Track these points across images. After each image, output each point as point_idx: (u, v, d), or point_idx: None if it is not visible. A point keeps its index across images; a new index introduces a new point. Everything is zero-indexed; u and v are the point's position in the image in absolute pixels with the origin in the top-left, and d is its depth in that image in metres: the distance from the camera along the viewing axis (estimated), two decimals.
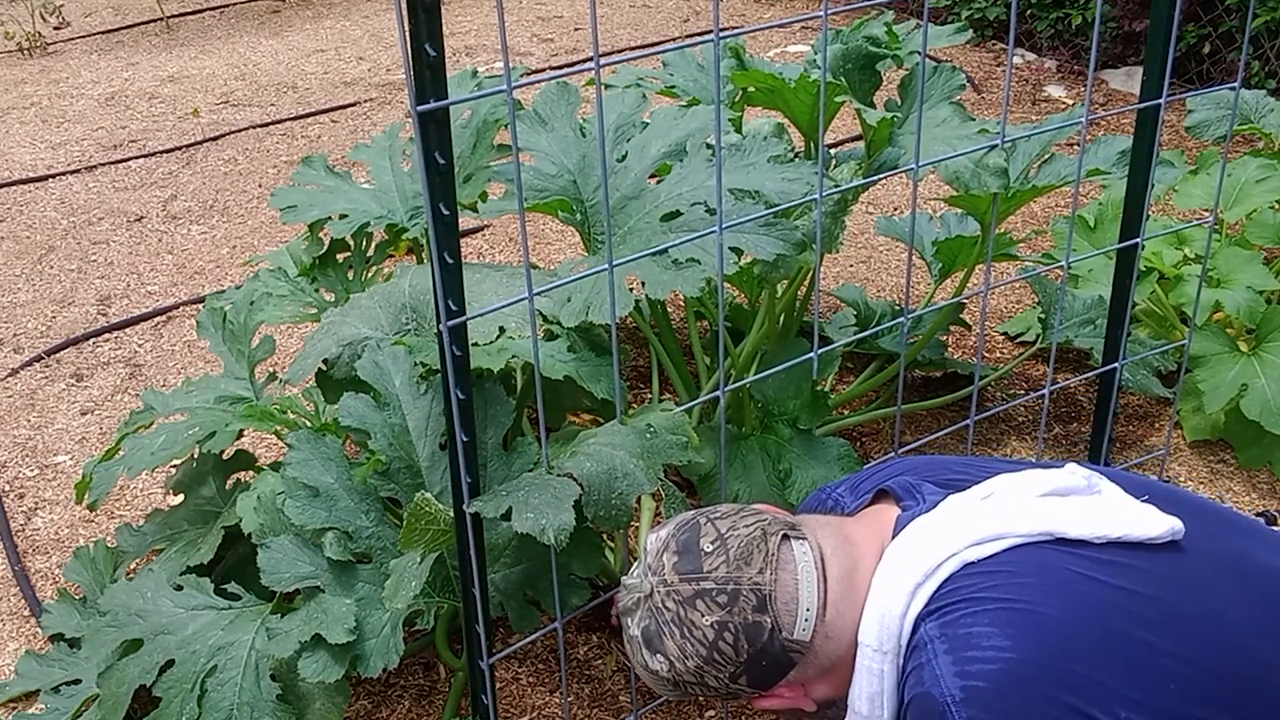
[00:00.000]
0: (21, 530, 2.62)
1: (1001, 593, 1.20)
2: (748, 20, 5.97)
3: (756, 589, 1.27)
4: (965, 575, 1.22)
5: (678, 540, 1.33)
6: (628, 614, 1.35)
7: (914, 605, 1.23)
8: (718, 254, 1.50)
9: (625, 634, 1.36)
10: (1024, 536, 1.23)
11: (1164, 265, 2.73)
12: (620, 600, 1.37)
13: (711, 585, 1.28)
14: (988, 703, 1.15)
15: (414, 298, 2.04)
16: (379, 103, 5.10)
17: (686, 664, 1.28)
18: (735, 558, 1.29)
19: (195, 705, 1.73)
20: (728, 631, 1.26)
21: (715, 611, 1.27)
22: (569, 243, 3.73)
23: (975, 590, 1.21)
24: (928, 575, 1.23)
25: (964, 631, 1.19)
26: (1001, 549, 1.23)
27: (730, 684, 1.29)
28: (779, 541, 1.30)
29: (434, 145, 1.21)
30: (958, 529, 1.25)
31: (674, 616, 1.29)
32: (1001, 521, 1.24)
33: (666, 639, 1.29)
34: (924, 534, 1.27)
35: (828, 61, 2.41)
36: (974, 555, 1.23)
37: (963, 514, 1.27)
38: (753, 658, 1.26)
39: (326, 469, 1.87)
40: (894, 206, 3.89)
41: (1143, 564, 1.22)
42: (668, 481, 1.76)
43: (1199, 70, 4.54)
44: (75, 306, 3.55)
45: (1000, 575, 1.21)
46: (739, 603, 1.26)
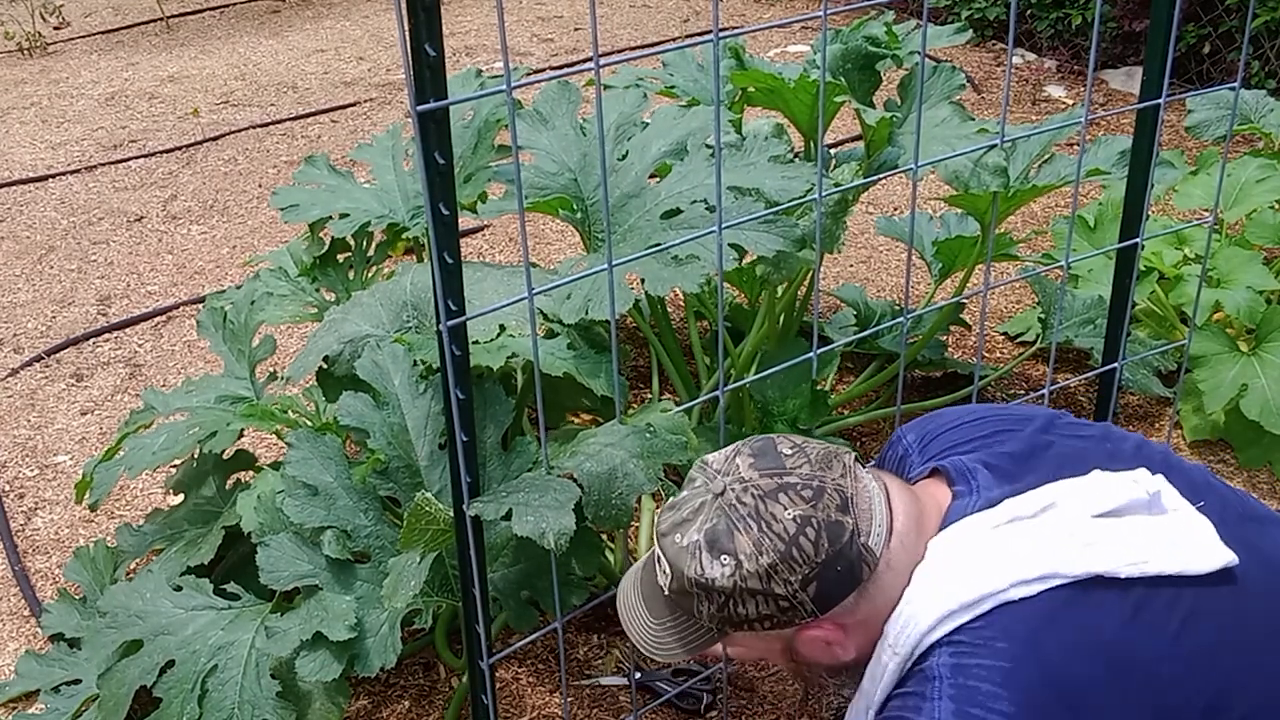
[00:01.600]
0: (21, 530, 2.62)
1: (1021, 650, 1.18)
2: (748, 20, 5.97)
3: (840, 489, 1.23)
4: (999, 614, 1.20)
5: (751, 447, 1.29)
6: (678, 529, 1.27)
7: (941, 627, 1.21)
8: (718, 252, 1.50)
9: (666, 554, 1.27)
10: (1070, 577, 1.20)
11: (1164, 265, 2.73)
12: (664, 520, 1.29)
13: (796, 480, 1.23)
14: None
15: (415, 295, 2.05)
16: (379, 103, 5.10)
17: (759, 561, 1.21)
18: (817, 460, 1.25)
19: (196, 705, 1.73)
20: (810, 527, 1.21)
21: (799, 505, 1.22)
22: (569, 242, 3.73)
23: (999, 639, 1.19)
24: (965, 607, 1.21)
25: (973, 684, 1.17)
26: (1043, 590, 1.20)
27: (797, 592, 1.22)
28: (851, 459, 1.29)
29: (434, 145, 1.21)
30: (1006, 561, 1.21)
31: (751, 510, 1.23)
32: (1050, 559, 1.21)
33: (740, 535, 1.22)
34: (973, 551, 1.24)
35: (827, 61, 2.41)
36: (1015, 595, 1.20)
37: (1015, 539, 1.23)
38: (829, 560, 1.21)
39: (325, 468, 1.87)
40: (894, 206, 3.89)
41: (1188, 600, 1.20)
42: (668, 481, 1.76)
43: (1199, 70, 4.54)
44: (75, 306, 3.55)
45: (1030, 624, 1.19)
46: (824, 499, 1.22)
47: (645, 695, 2.07)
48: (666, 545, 1.28)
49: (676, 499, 1.30)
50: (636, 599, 1.39)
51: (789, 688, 2.09)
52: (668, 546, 1.28)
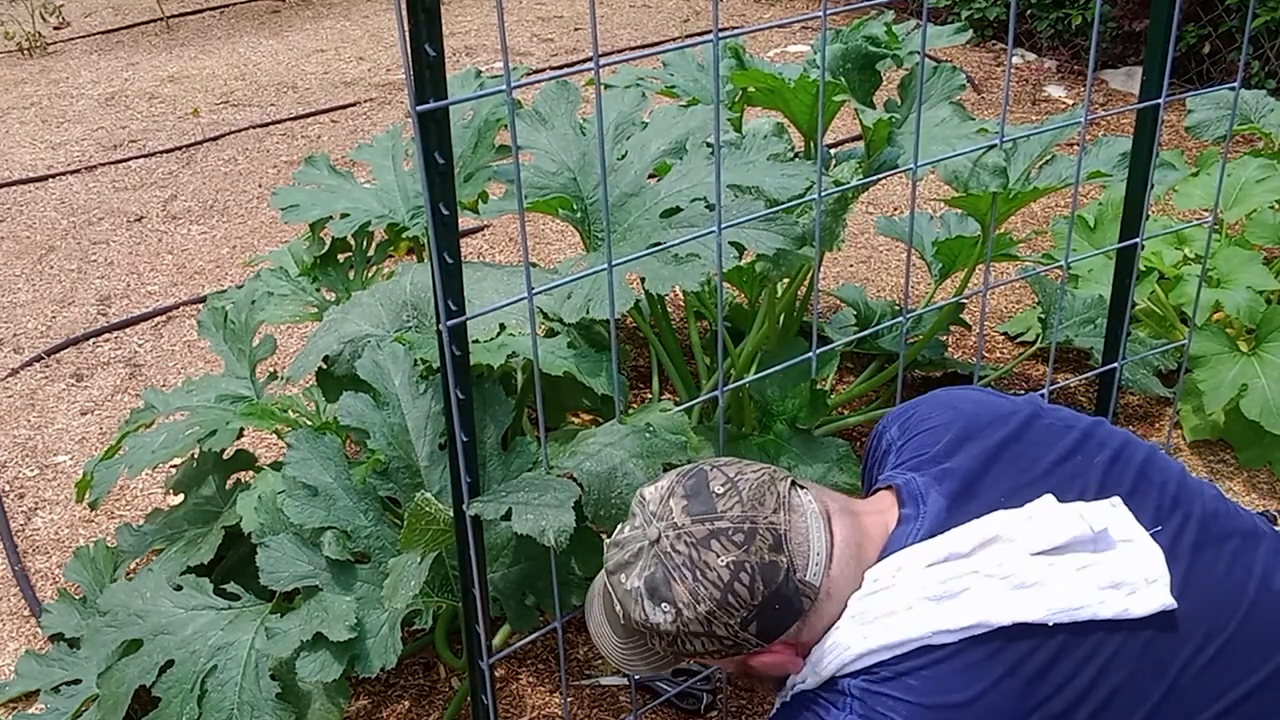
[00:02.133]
0: (21, 530, 2.62)
1: (931, 694, 1.20)
2: (748, 20, 5.97)
3: (772, 528, 1.23)
4: (917, 656, 1.21)
5: (684, 486, 1.29)
6: (621, 570, 1.28)
7: (860, 662, 1.24)
8: (717, 250, 1.50)
9: (614, 592, 1.30)
10: (994, 626, 1.21)
11: (1164, 265, 2.73)
12: (609, 560, 1.31)
13: (727, 524, 1.23)
14: None
15: (415, 295, 2.05)
16: (379, 103, 5.10)
17: (697, 610, 1.23)
18: (749, 498, 1.25)
19: (195, 705, 1.73)
20: (744, 572, 1.22)
21: (731, 551, 1.22)
22: (569, 242, 3.73)
23: (912, 677, 1.21)
24: (886, 648, 1.22)
25: (880, 712, 1.20)
26: (964, 639, 1.21)
27: (739, 632, 1.24)
28: (788, 486, 1.28)
29: (434, 145, 1.21)
30: (932, 608, 1.22)
31: (685, 560, 1.23)
32: (975, 608, 1.21)
33: (676, 584, 1.23)
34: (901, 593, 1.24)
35: (827, 61, 2.41)
36: (938, 640, 1.21)
37: (946, 583, 1.23)
38: (766, 600, 1.22)
39: (325, 468, 1.87)
40: (894, 206, 3.89)
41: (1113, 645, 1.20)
42: None
43: (1199, 70, 4.54)
44: (75, 306, 3.55)
45: (943, 670, 1.20)
46: (755, 541, 1.22)
47: (645, 695, 2.07)
48: (614, 584, 1.31)
49: (620, 536, 1.32)
50: (602, 617, 1.40)
51: None
52: (615, 585, 1.31)
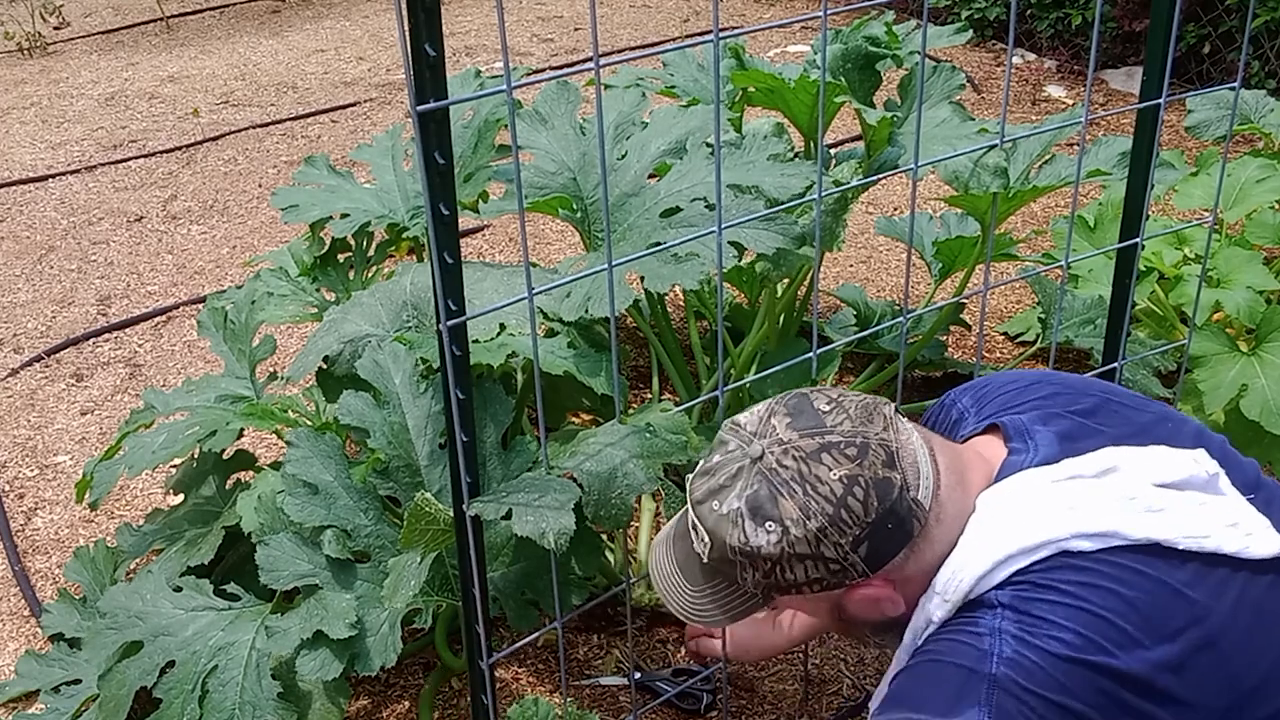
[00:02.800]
0: (21, 530, 2.62)
1: (1090, 595, 1.15)
2: (748, 20, 5.97)
3: (884, 444, 1.18)
4: (1059, 563, 1.17)
5: (786, 405, 1.23)
6: (715, 495, 1.21)
7: (998, 574, 1.18)
8: (717, 250, 1.50)
9: (703, 522, 1.22)
10: (1130, 540, 1.17)
11: (1164, 265, 2.73)
12: (698, 488, 1.24)
13: (839, 438, 1.18)
14: (1033, 677, 1.11)
15: (415, 295, 2.05)
16: (379, 103, 5.10)
17: (807, 526, 1.16)
18: (856, 416, 1.20)
19: (196, 706, 1.73)
20: (857, 486, 1.16)
21: (844, 464, 1.17)
22: (569, 242, 3.73)
23: (1064, 583, 1.16)
24: (1024, 552, 1.17)
25: (1039, 616, 1.14)
26: (1103, 548, 1.17)
27: (848, 554, 1.17)
28: (892, 410, 1.24)
29: (434, 145, 1.21)
30: (1068, 512, 1.18)
31: (794, 474, 1.17)
32: (1112, 518, 1.18)
33: (784, 500, 1.17)
34: (1032, 501, 1.20)
35: (828, 61, 2.41)
36: (1076, 547, 1.17)
37: (1076, 494, 1.20)
38: (880, 518, 1.17)
39: (325, 467, 1.87)
40: (894, 206, 3.89)
41: (1239, 584, 1.18)
42: (668, 481, 1.76)
43: (1199, 70, 4.54)
44: (75, 306, 3.55)
45: (1094, 575, 1.16)
46: (869, 456, 1.17)
47: (645, 695, 2.07)
48: (704, 513, 1.22)
49: (708, 464, 1.25)
50: (671, 567, 1.33)
51: (789, 687, 2.09)
52: (705, 514, 1.22)
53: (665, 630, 2.21)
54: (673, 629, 2.21)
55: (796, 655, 2.15)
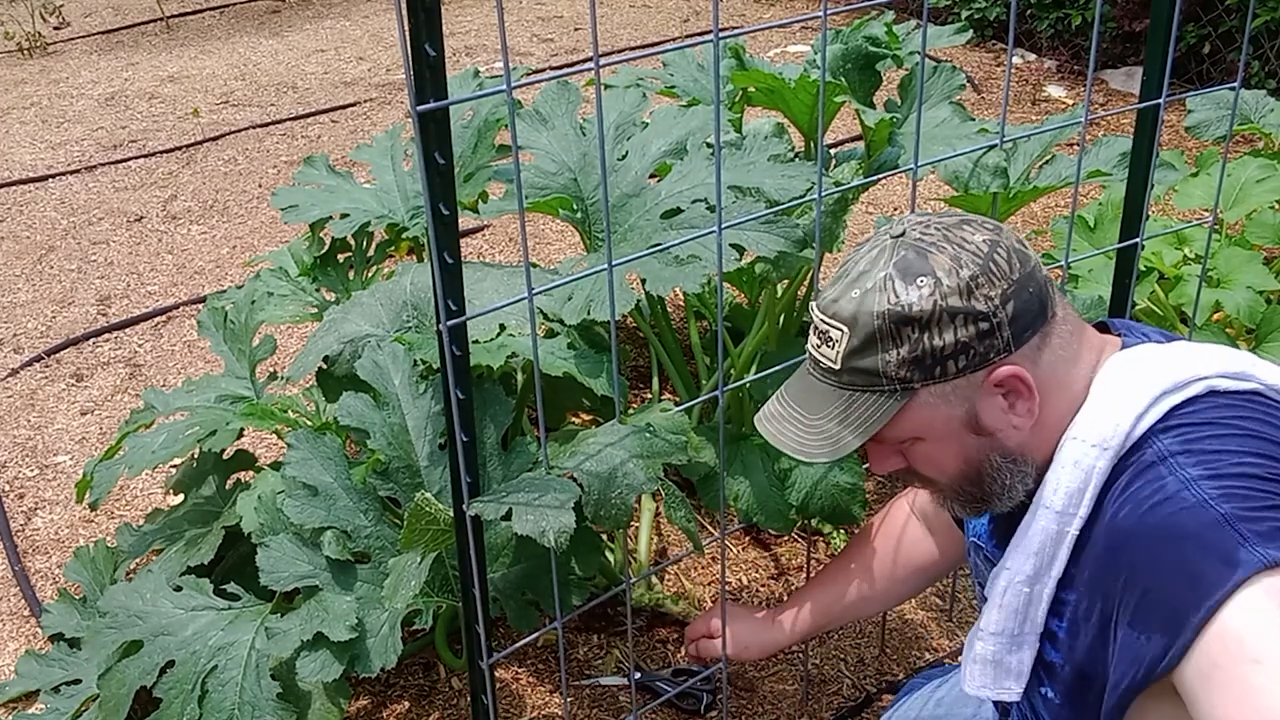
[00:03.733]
0: (21, 530, 2.62)
1: (1250, 425, 1.14)
2: (748, 20, 5.98)
3: (1016, 235, 1.23)
4: (1210, 400, 1.16)
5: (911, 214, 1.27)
6: (854, 283, 1.21)
7: (1152, 413, 1.16)
8: (718, 251, 1.50)
9: (839, 314, 1.20)
10: (1269, 388, 1.18)
11: (1164, 265, 2.73)
12: (830, 290, 1.23)
13: (975, 219, 1.23)
14: (1249, 495, 1.08)
15: (415, 295, 2.05)
16: (379, 103, 5.10)
17: (959, 275, 1.16)
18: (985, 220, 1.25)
19: (196, 706, 1.73)
20: (1000, 249, 1.19)
21: (985, 231, 1.20)
22: (569, 242, 3.73)
23: (1221, 417, 1.15)
24: (1177, 387, 1.17)
25: (1213, 449, 1.13)
26: (1249, 388, 1.18)
27: (998, 310, 1.16)
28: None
29: (434, 145, 1.21)
30: (1205, 357, 1.20)
31: (940, 238, 1.20)
32: (1249, 363, 1.19)
33: (935, 255, 1.18)
34: (1165, 355, 1.21)
35: (828, 61, 2.41)
36: (1223, 385, 1.17)
37: (1206, 349, 1.22)
38: (1023, 279, 1.18)
39: (325, 468, 1.87)
40: (894, 206, 3.89)
41: None
42: (668, 481, 1.76)
43: (1199, 70, 4.54)
44: (75, 306, 3.55)
45: (1247, 410, 1.16)
46: (1004, 233, 1.22)
47: (645, 695, 2.07)
48: (842, 305, 1.20)
49: (838, 271, 1.25)
50: (787, 411, 1.29)
51: (789, 688, 2.09)
52: (844, 306, 1.20)
53: (665, 630, 2.21)
54: (673, 629, 2.21)
55: (796, 655, 2.15)
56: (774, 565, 2.36)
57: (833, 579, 1.73)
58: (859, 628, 2.21)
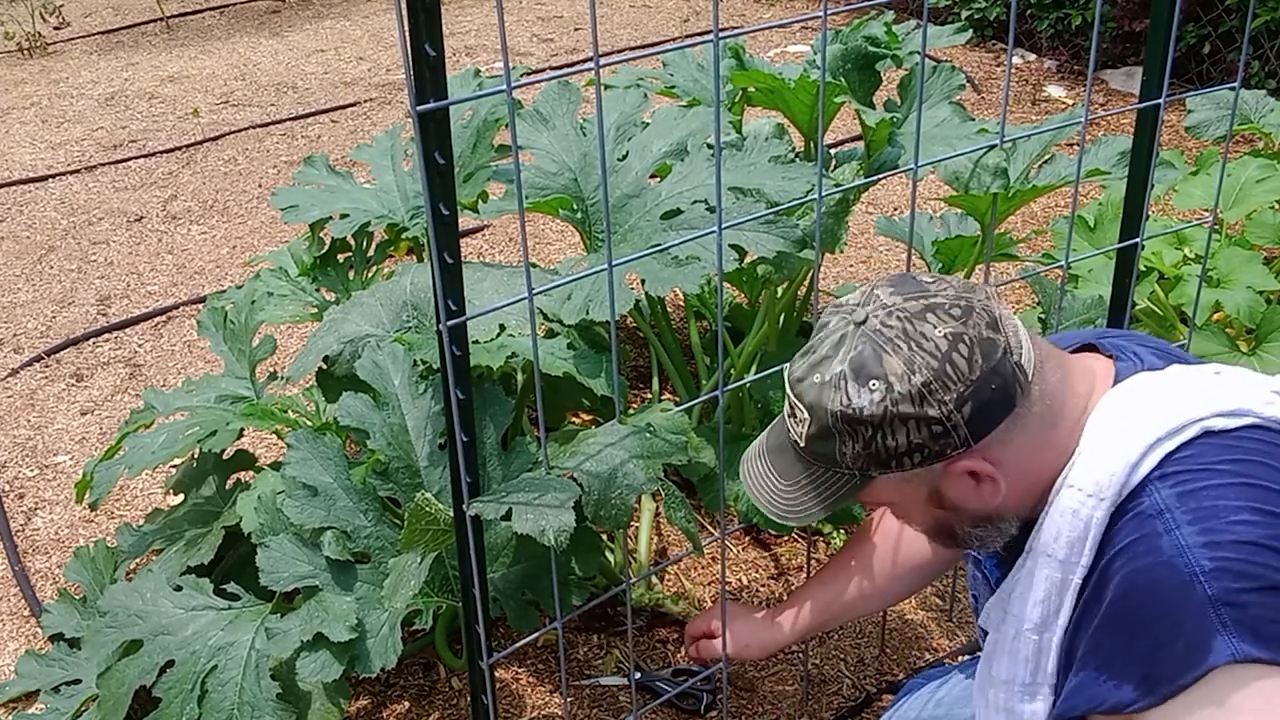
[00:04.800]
0: (21, 530, 2.62)
1: (1245, 469, 1.13)
2: (748, 20, 5.98)
3: (988, 309, 1.19)
4: (1205, 443, 1.15)
5: (888, 279, 1.23)
6: (815, 368, 1.20)
7: (1147, 461, 1.15)
8: (718, 252, 1.50)
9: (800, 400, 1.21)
10: (1265, 420, 1.16)
11: (1164, 265, 2.73)
12: (797, 368, 1.23)
13: (943, 300, 1.19)
14: (1242, 572, 1.08)
15: (415, 295, 2.05)
16: (379, 103, 5.10)
17: (912, 381, 1.15)
18: (959, 285, 1.21)
19: (195, 705, 1.73)
20: (962, 344, 1.15)
21: (949, 323, 1.16)
22: (569, 242, 3.73)
23: (1216, 462, 1.14)
24: (1170, 434, 1.15)
25: (1209, 504, 1.11)
26: (1244, 425, 1.16)
27: (952, 414, 1.15)
28: (993, 289, 1.24)
29: (434, 145, 1.21)
30: (1199, 395, 1.17)
31: (899, 333, 1.17)
32: (1245, 398, 1.17)
33: (888, 357, 1.16)
34: (1160, 391, 1.19)
35: (827, 62, 2.41)
36: (1218, 425, 1.15)
37: (1199, 382, 1.20)
38: (984, 376, 1.15)
39: (325, 468, 1.87)
40: (894, 206, 3.89)
41: None
42: (668, 481, 1.76)
43: (1199, 70, 4.55)
44: (75, 306, 3.55)
45: (1242, 451, 1.14)
46: (973, 317, 1.17)
47: (645, 695, 2.07)
48: (804, 389, 1.21)
49: (809, 344, 1.24)
50: (763, 467, 1.31)
51: (789, 688, 2.09)
52: (805, 390, 1.21)
53: (665, 630, 2.21)
54: (673, 629, 2.21)
55: (796, 655, 2.15)
56: (774, 565, 2.36)
57: (832, 577, 1.73)
58: (859, 627, 2.21)
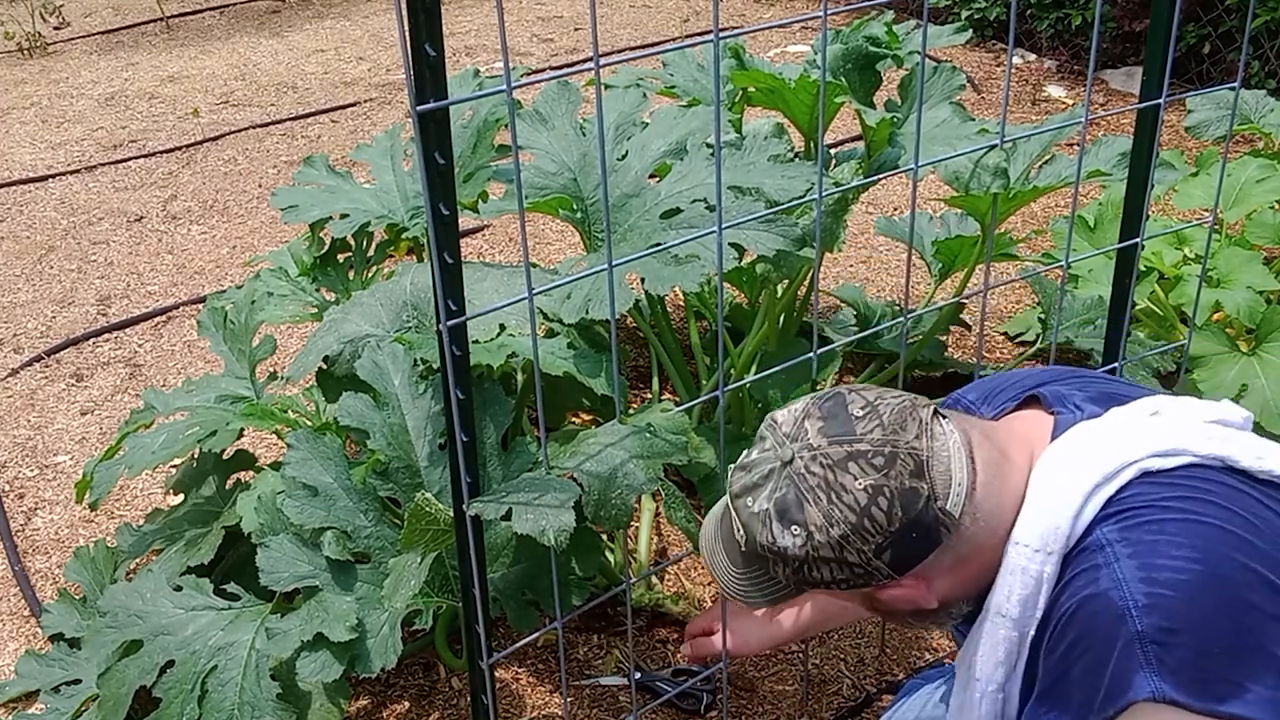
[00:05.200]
0: (21, 530, 2.62)
1: (1188, 505, 1.15)
2: (748, 20, 5.98)
3: (914, 453, 1.18)
4: (1145, 483, 1.17)
5: (821, 408, 1.23)
6: (748, 492, 1.23)
7: (1088, 508, 1.17)
8: (718, 251, 1.50)
9: (738, 516, 1.25)
10: (1201, 457, 1.18)
11: (1164, 265, 2.73)
12: (734, 485, 1.26)
13: (867, 447, 1.18)
14: (1174, 611, 1.09)
15: (415, 295, 2.05)
16: (379, 103, 5.10)
17: (830, 533, 1.17)
18: (889, 423, 1.20)
19: (195, 705, 1.73)
20: (882, 497, 1.17)
21: (870, 474, 1.17)
22: (569, 242, 3.73)
23: (1158, 499, 1.16)
24: (1107, 479, 1.17)
25: (1150, 539, 1.13)
26: (1181, 464, 1.18)
27: (870, 560, 1.18)
28: (930, 414, 1.23)
29: (434, 145, 1.21)
30: (1134, 438, 1.20)
31: (820, 481, 1.18)
32: (1179, 438, 1.19)
33: (809, 506, 1.18)
34: (1096, 439, 1.22)
35: (828, 61, 2.41)
36: (1155, 465, 1.17)
37: (1135, 425, 1.22)
38: (904, 528, 1.17)
39: (325, 468, 1.87)
40: (894, 206, 3.89)
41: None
42: (668, 481, 1.76)
43: (1199, 70, 4.54)
44: (75, 306, 3.55)
45: (1183, 488, 1.16)
46: (895, 466, 1.17)
47: (645, 695, 2.07)
48: (739, 507, 1.25)
49: (747, 459, 1.27)
50: (718, 544, 1.35)
51: (789, 688, 2.09)
52: (740, 509, 1.25)
53: (665, 630, 2.21)
54: (673, 629, 2.21)
55: (796, 655, 2.15)
56: None
57: None
58: (859, 628, 2.21)
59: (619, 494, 1.62)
